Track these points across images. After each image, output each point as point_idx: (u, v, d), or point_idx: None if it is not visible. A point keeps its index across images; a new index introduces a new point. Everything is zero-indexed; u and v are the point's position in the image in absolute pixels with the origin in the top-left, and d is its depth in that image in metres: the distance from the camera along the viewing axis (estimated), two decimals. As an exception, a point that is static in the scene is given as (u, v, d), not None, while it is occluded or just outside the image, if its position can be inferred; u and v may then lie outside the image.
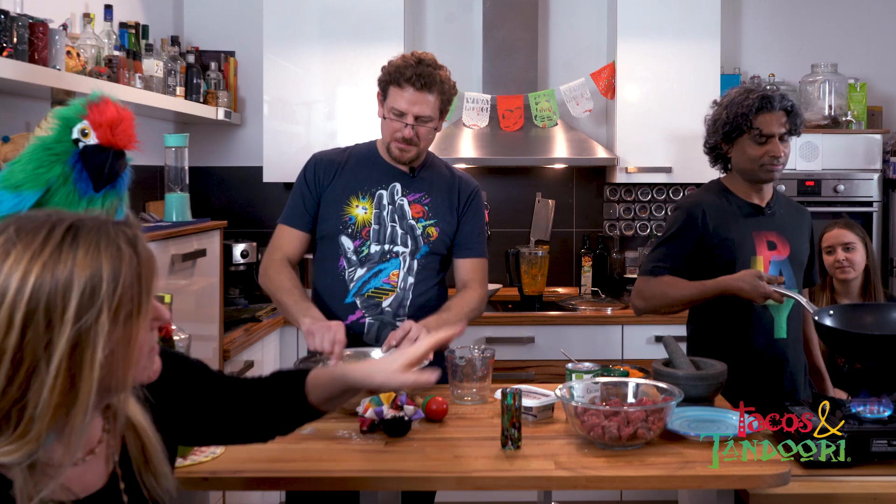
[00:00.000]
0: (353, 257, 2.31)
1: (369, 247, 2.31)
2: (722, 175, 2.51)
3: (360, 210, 2.32)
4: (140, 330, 1.01)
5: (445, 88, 2.29)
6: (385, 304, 2.31)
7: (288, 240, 2.35)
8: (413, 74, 2.22)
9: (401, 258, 2.32)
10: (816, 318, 2.09)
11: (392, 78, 2.25)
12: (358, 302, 2.30)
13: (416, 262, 2.34)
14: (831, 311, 2.15)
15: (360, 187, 2.33)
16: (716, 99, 2.48)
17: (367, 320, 2.30)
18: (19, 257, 0.95)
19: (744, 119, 2.33)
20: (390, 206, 2.33)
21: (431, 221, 2.35)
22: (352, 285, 2.30)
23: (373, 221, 2.31)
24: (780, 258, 2.37)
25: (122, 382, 1.03)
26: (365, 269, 2.31)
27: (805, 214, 2.53)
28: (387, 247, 2.32)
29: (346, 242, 2.31)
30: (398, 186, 2.35)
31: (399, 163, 2.34)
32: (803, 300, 2.18)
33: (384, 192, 2.33)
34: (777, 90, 2.38)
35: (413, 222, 2.34)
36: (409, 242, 2.33)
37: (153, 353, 1.09)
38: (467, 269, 2.42)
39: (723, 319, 2.35)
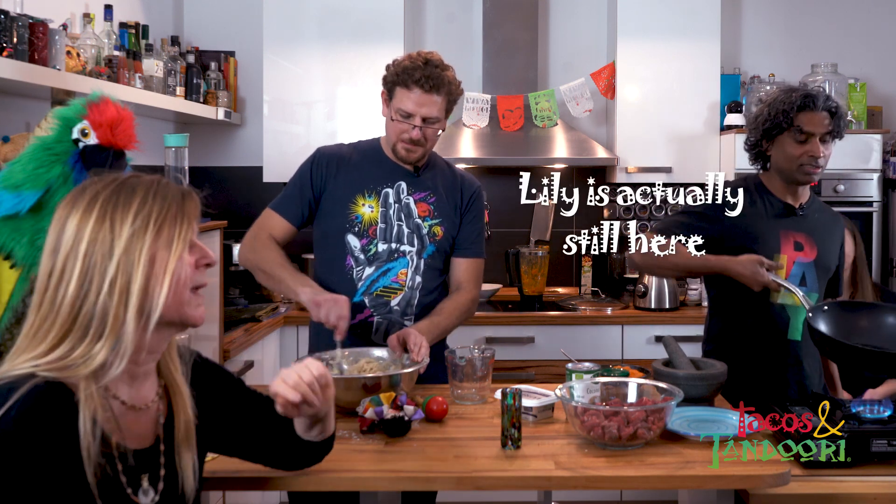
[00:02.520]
0: (361, 256, 2.30)
1: (377, 245, 2.30)
2: (760, 172, 2.48)
3: (367, 208, 2.30)
4: (179, 254, 1.22)
5: (452, 89, 2.29)
6: (393, 302, 2.30)
7: (277, 226, 2.33)
8: (422, 76, 2.22)
9: (408, 257, 2.32)
10: (811, 322, 2.07)
11: (399, 79, 2.24)
12: (367, 301, 2.29)
13: (422, 262, 2.34)
14: (825, 308, 2.15)
15: (365, 185, 2.32)
16: (761, 97, 2.48)
17: (376, 319, 2.29)
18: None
19: (785, 116, 2.31)
20: (396, 205, 2.32)
21: (437, 220, 2.35)
22: (360, 284, 2.29)
23: (379, 220, 2.30)
24: (805, 260, 2.35)
25: (161, 300, 1.20)
26: (373, 267, 2.30)
27: (839, 222, 2.51)
28: (394, 245, 2.31)
29: (353, 241, 2.30)
30: (403, 185, 2.34)
31: (405, 163, 2.34)
32: (800, 294, 2.17)
33: (390, 191, 2.32)
34: (822, 90, 2.35)
35: (419, 221, 2.33)
36: (416, 242, 2.32)
37: (199, 296, 1.27)
38: (463, 268, 2.41)
39: (741, 316, 2.34)
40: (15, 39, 2.15)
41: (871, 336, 2.10)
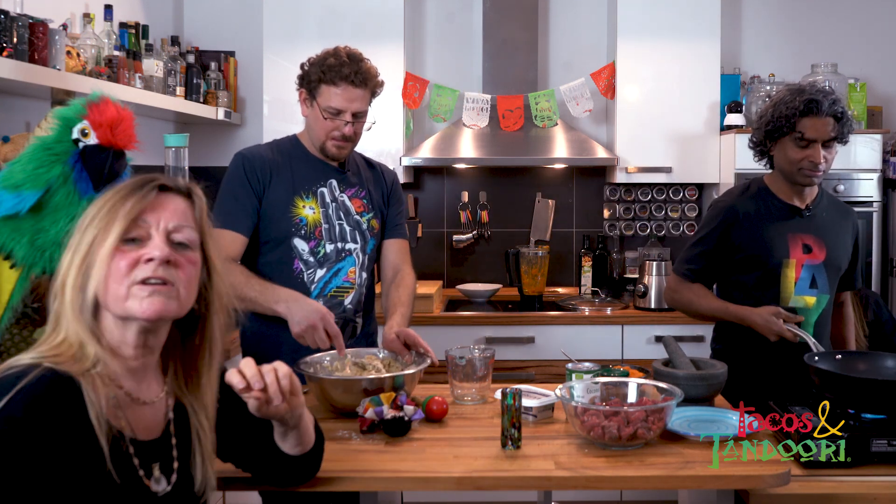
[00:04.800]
0: (311, 259, 2.30)
1: (325, 246, 2.30)
2: (767, 171, 2.49)
3: (309, 210, 2.30)
4: (110, 247, 1.23)
5: (376, 82, 2.30)
6: (346, 301, 2.33)
7: (231, 245, 2.22)
8: (350, 72, 2.22)
9: (354, 255, 2.34)
10: (806, 360, 2.04)
11: (326, 76, 2.23)
12: (321, 303, 2.26)
13: (367, 258, 2.38)
14: (816, 358, 2.10)
15: (301, 187, 2.31)
16: (769, 94, 2.47)
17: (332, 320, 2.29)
18: None
19: (787, 121, 2.29)
20: (333, 204, 2.33)
21: (372, 214, 2.39)
22: (313, 287, 2.29)
23: (322, 220, 2.31)
24: (814, 262, 2.35)
25: (95, 285, 1.23)
26: (325, 269, 2.31)
27: (850, 215, 2.49)
28: (340, 245, 2.32)
29: (301, 244, 2.29)
30: (335, 183, 2.35)
31: (334, 160, 2.34)
32: (812, 341, 2.20)
33: (325, 190, 2.33)
34: (830, 94, 2.31)
35: (358, 217, 2.36)
36: (358, 238, 2.35)
37: (139, 287, 1.24)
38: (396, 249, 2.45)
39: None
40: (15, 39, 2.14)
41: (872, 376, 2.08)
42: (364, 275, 2.37)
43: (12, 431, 1.08)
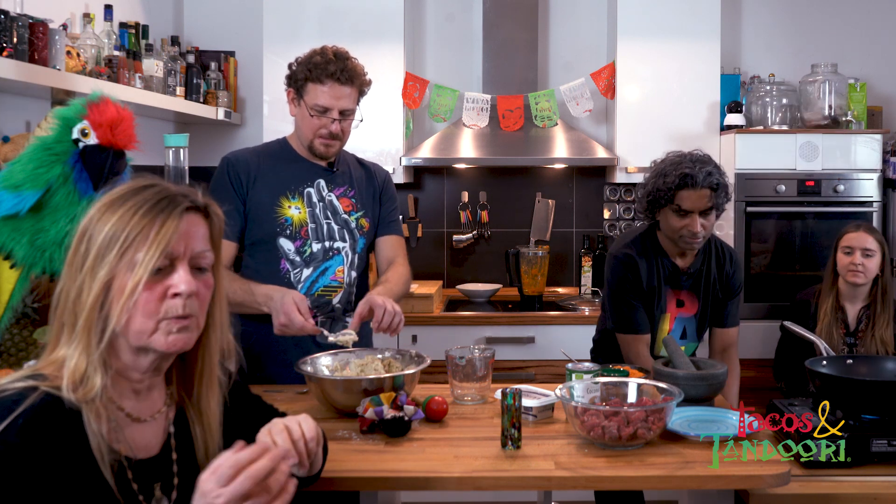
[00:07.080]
0: (297, 258, 2.30)
1: (311, 246, 2.31)
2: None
3: (294, 210, 2.30)
4: (136, 281, 1.17)
5: (363, 80, 2.31)
6: (335, 301, 2.33)
7: (223, 252, 2.24)
8: (336, 69, 2.23)
9: (343, 254, 2.34)
10: (809, 366, 2.05)
11: (312, 75, 2.24)
12: (308, 302, 2.25)
13: (357, 257, 2.37)
14: (824, 362, 2.12)
15: (286, 187, 2.32)
16: (655, 160, 2.53)
17: (320, 319, 2.30)
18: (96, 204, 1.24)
19: (665, 194, 2.41)
20: (321, 203, 2.34)
21: (361, 213, 2.39)
22: (300, 287, 2.29)
23: (308, 220, 2.31)
24: (686, 315, 2.55)
25: (118, 318, 1.17)
26: (311, 268, 2.31)
27: (728, 268, 2.57)
28: (327, 244, 2.33)
29: (286, 244, 2.29)
30: (322, 182, 2.35)
31: (322, 159, 2.34)
32: (823, 345, 2.29)
33: (311, 190, 2.34)
34: (706, 165, 2.39)
35: (346, 216, 2.36)
36: (347, 237, 2.35)
37: (167, 322, 1.20)
38: (390, 244, 2.45)
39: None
40: (15, 39, 2.15)
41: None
42: (353, 274, 2.37)
43: (7, 458, 1.05)
